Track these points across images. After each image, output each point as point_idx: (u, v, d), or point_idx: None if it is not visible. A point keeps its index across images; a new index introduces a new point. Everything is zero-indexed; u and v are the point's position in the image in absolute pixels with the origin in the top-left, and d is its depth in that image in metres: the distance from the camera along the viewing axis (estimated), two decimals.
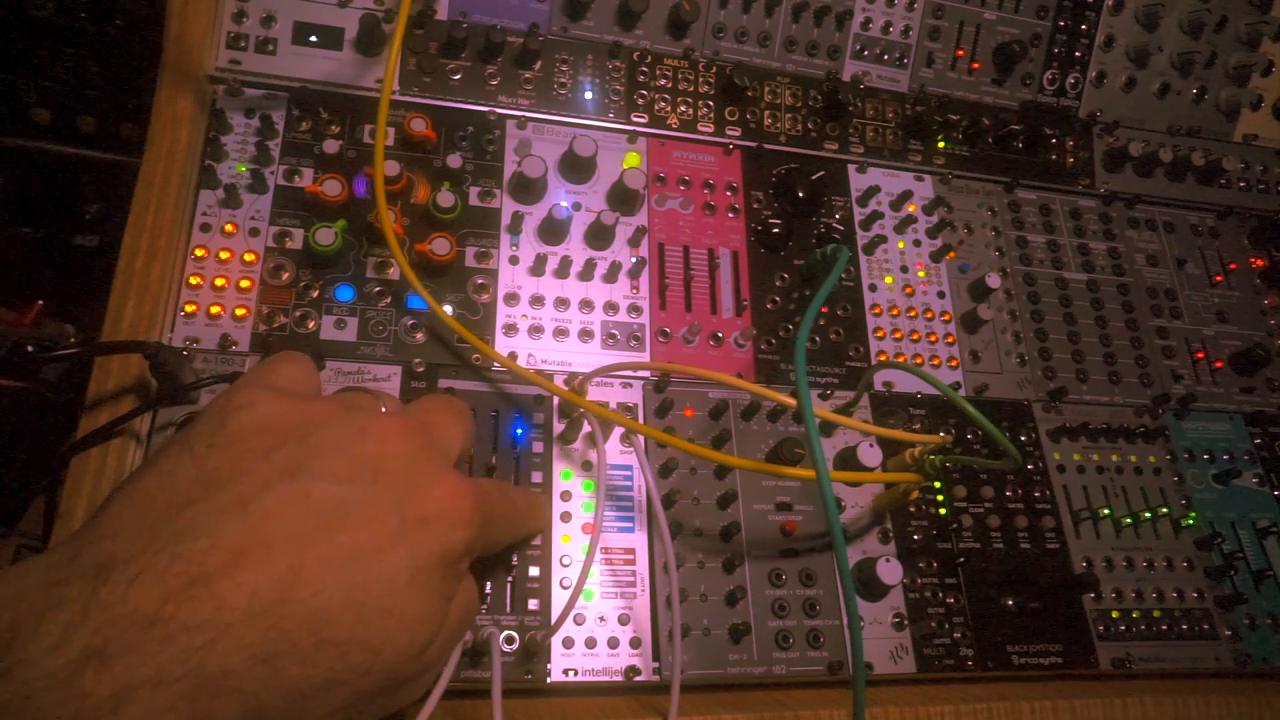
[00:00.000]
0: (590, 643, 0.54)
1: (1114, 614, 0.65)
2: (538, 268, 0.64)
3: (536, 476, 0.58)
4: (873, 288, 0.72)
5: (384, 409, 0.43)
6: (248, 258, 0.59)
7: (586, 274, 0.65)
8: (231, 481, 0.34)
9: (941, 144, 0.79)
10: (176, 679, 0.28)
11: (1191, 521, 0.70)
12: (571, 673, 0.53)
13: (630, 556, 0.57)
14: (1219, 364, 0.79)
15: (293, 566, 0.32)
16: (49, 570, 0.30)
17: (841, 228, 0.74)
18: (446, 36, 0.67)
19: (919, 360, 0.70)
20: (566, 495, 0.58)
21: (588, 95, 0.71)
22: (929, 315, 0.72)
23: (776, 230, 0.70)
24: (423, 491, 0.38)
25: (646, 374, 0.63)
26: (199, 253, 0.58)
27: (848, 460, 0.63)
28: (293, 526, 0.33)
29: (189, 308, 0.57)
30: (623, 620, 0.55)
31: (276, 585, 0.31)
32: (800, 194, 0.72)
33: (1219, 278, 0.83)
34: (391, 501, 0.36)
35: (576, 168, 0.68)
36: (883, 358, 0.70)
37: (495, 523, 0.44)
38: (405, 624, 0.36)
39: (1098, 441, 0.71)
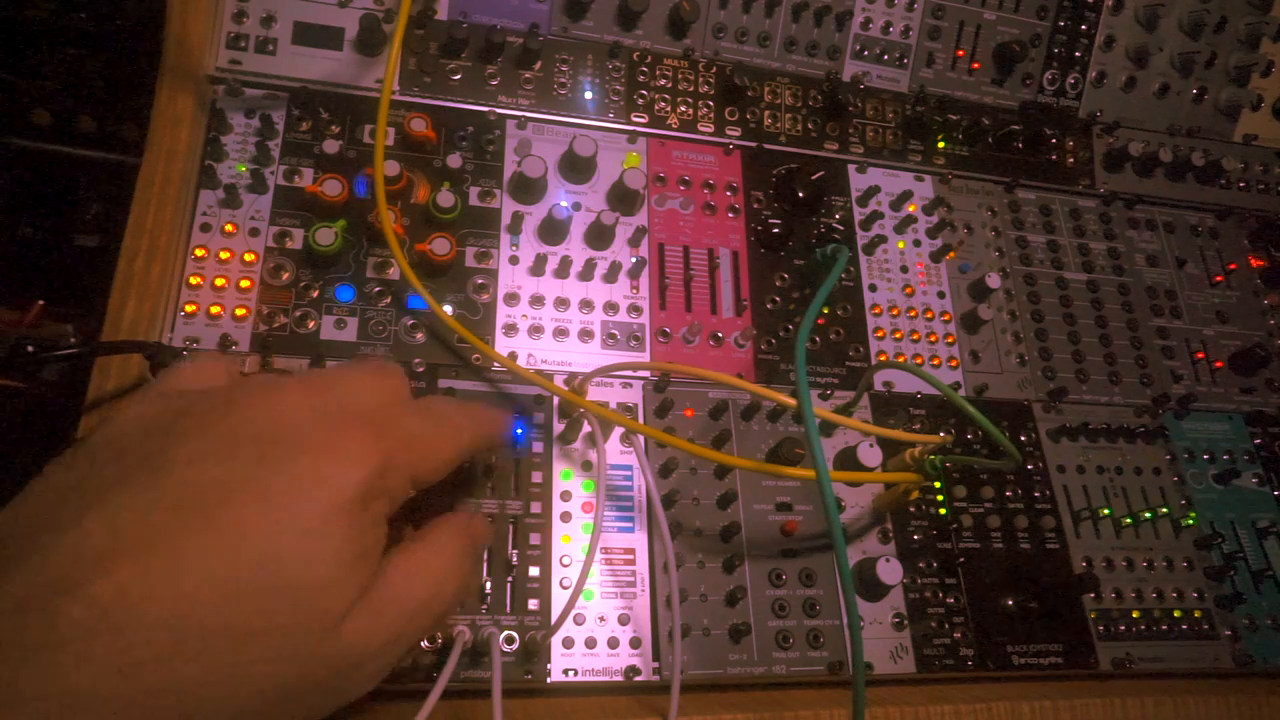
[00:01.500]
0: (590, 643, 0.54)
1: (1114, 614, 0.65)
2: (538, 268, 0.64)
3: (536, 476, 0.58)
4: (873, 288, 0.72)
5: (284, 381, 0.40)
6: (248, 258, 0.59)
7: (586, 274, 0.65)
8: (77, 494, 0.32)
9: (941, 144, 0.79)
10: (27, 700, 0.27)
11: (1191, 521, 0.70)
12: (571, 673, 0.53)
13: (630, 556, 0.57)
14: (1219, 364, 0.79)
15: (140, 565, 0.30)
16: None
17: (841, 228, 0.74)
18: (446, 36, 0.67)
19: (919, 360, 0.70)
20: (566, 495, 0.58)
21: (588, 95, 0.71)
22: (929, 315, 0.72)
23: (776, 230, 0.70)
24: (294, 445, 0.34)
25: (646, 374, 0.63)
26: (199, 253, 0.58)
27: (848, 460, 0.63)
28: (136, 524, 0.31)
29: (189, 308, 0.57)
30: (623, 620, 0.55)
31: (121, 590, 0.29)
32: (800, 194, 0.72)
33: (1219, 278, 0.83)
34: (252, 469, 0.33)
35: (576, 168, 0.68)
36: (883, 358, 0.70)
37: (404, 446, 0.38)
38: (305, 595, 0.32)
39: (1098, 441, 0.71)
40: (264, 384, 0.37)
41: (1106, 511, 0.68)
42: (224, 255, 0.59)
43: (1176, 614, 0.66)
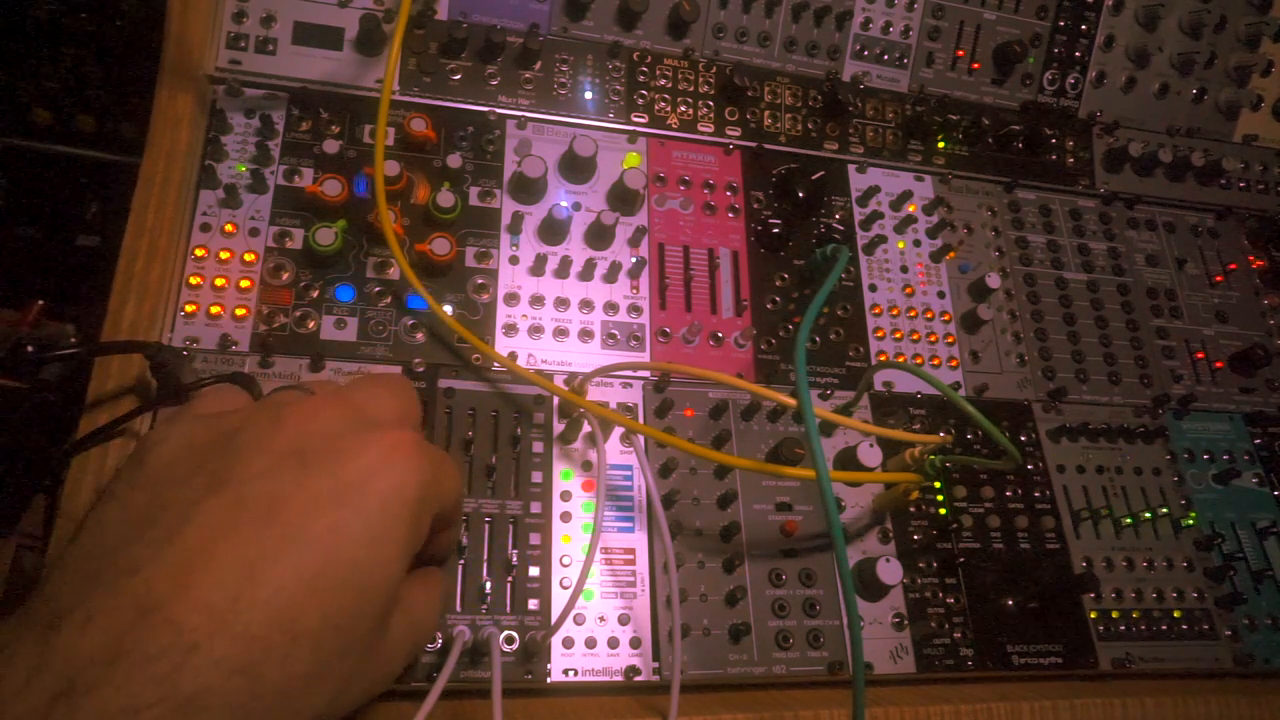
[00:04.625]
0: (590, 643, 0.54)
1: (1114, 614, 0.65)
2: (538, 268, 0.64)
3: (536, 476, 0.58)
4: (873, 288, 0.72)
5: (310, 394, 0.42)
6: (248, 258, 0.59)
7: (586, 274, 0.65)
8: (160, 514, 0.34)
9: (941, 144, 0.79)
10: (151, 704, 0.28)
11: (1191, 521, 0.70)
12: (571, 673, 0.53)
13: (630, 556, 0.57)
14: (1219, 364, 0.79)
15: (243, 572, 0.32)
16: (2, 633, 0.30)
17: (841, 228, 0.74)
18: (446, 36, 0.67)
19: (919, 360, 0.70)
20: (566, 495, 0.58)
21: (588, 95, 0.71)
22: (929, 315, 0.72)
23: (776, 230, 0.70)
24: (354, 455, 0.36)
25: (646, 374, 0.63)
26: (199, 253, 0.58)
27: (848, 460, 0.63)
28: (231, 535, 0.33)
29: (189, 308, 0.57)
30: (623, 620, 0.55)
31: (231, 596, 0.31)
32: (800, 194, 0.72)
33: (1219, 278, 0.83)
34: (324, 474, 0.35)
35: (576, 168, 0.68)
36: (883, 358, 0.70)
37: (445, 470, 0.42)
38: (370, 592, 0.35)
39: (1098, 441, 0.71)
40: (299, 400, 0.39)
41: (1107, 511, 0.68)
42: (224, 255, 0.59)
43: (1176, 614, 0.66)
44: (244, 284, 0.58)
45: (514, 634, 0.52)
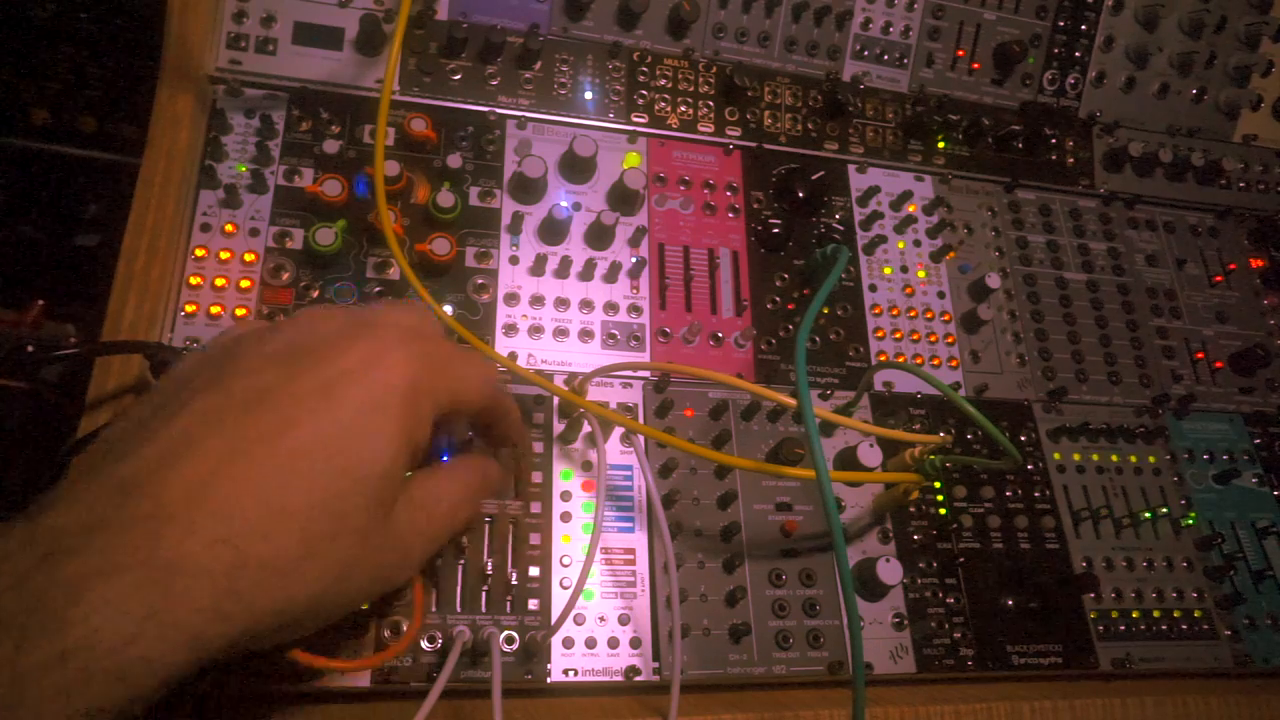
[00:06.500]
0: (590, 643, 0.54)
1: (1114, 614, 0.65)
2: (538, 268, 0.64)
3: (536, 476, 0.58)
4: (873, 288, 0.72)
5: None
6: (248, 258, 0.59)
7: (586, 274, 0.65)
8: (155, 416, 0.36)
9: (941, 144, 0.79)
10: (130, 567, 0.30)
11: (1191, 521, 0.70)
12: (571, 673, 0.53)
13: (630, 556, 0.57)
14: (1219, 364, 0.79)
15: (223, 453, 0.33)
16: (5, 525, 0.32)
17: (841, 228, 0.74)
18: (446, 36, 0.67)
19: (919, 360, 0.70)
20: (566, 495, 0.58)
21: (588, 95, 0.71)
22: (929, 315, 0.72)
23: (776, 230, 0.70)
24: (341, 351, 0.38)
25: (646, 374, 0.63)
26: (199, 253, 0.58)
27: (848, 460, 0.63)
28: (215, 424, 0.34)
29: (189, 308, 0.57)
30: (623, 620, 0.55)
31: (212, 471, 0.33)
32: (800, 194, 0.72)
33: (1219, 278, 0.83)
34: (310, 369, 0.37)
35: (576, 168, 0.68)
36: (883, 358, 0.70)
37: (449, 363, 0.42)
38: (365, 475, 0.36)
39: (1098, 441, 0.71)
40: (308, 309, 0.41)
41: (1106, 511, 0.68)
42: (224, 255, 0.59)
43: (1176, 614, 0.66)
44: (244, 284, 0.58)
45: (514, 634, 0.52)
